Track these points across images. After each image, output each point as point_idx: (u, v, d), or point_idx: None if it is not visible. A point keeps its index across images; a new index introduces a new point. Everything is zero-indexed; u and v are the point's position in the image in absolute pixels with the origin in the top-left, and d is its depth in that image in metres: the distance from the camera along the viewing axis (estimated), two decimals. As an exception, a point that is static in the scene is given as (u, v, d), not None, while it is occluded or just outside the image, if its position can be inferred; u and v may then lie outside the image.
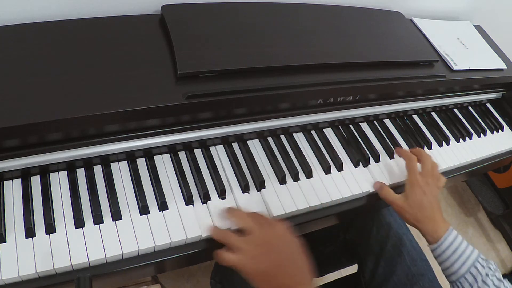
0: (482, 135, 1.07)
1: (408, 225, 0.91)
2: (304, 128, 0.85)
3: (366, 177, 0.82)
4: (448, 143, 0.99)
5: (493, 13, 1.31)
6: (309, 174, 0.77)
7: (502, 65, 1.07)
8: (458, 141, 1.01)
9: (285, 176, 0.75)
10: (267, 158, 0.77)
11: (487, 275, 0.68)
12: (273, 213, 0.69)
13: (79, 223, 0.60)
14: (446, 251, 0.70)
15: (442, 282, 0.84)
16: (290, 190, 0.74)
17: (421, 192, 0.74)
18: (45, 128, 0.57)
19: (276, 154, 0.78)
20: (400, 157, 0.85)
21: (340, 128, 0.89)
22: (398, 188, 0.85)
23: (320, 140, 0.85)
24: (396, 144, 0.91)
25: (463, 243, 0.71)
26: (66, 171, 0.65)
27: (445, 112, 1.08)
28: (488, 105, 1.20)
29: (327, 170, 0.79)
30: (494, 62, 1.08)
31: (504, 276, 1.74)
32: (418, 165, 0.80)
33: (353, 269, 1.00)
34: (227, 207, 0.66)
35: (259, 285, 0.56)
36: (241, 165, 0.74)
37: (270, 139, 0.80)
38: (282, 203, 0.71)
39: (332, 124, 0.88)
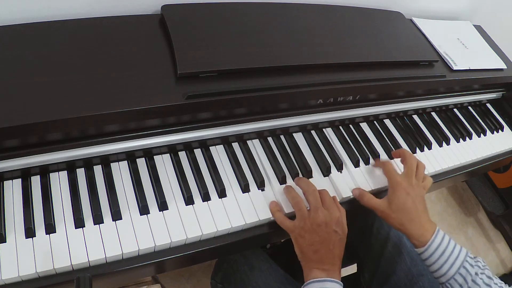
0: (482, 135, 1.07)
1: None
2: (304, 128, 0.85)
3: (366, 177, 0.81)
4: (448, 143, 0.99)
5: (493, 13, 1.31)
6: (309, 174, 0.77)
7: (502, 65, 1.07)
8: (458, 141, 1.01)
9: (285, 176, 0.75)
10: (267, 158, 0.77)
11: (476, 274, 0.66)
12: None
13: (79, 223, 0.60)
14: (434, 254, 0.68)
15: (442, 282, 0.84)
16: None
17: (404, 194, 0.71)
18: (45, 128, 0.57)
19: (276, 154, 0.78)
20: (377, 167, 0.84)
21: (340, 128, 0.89)
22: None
23: (320, 140, 0.85)
24: (396, 144, 0.91)
25: (450, 244, 0.69)
26: (66, 171, 0.65)
27: (445, 112, 1.08)
28: (488, 105, 1.20)
29: (327, 170, 0.79)
30: (494, 62, 1.08)
31: (504, 276, 1.73)
32: (401, 166, 0.81)
33: (352, 269, 0.99)
34: (305, 181, 0.72)
35: (296, 250, 0.66)
36: (241, 165, 0.74)
37: (270, 139, 0.80)
38: (282, 203, 0.71)
39: (332, 124, 0.88)
